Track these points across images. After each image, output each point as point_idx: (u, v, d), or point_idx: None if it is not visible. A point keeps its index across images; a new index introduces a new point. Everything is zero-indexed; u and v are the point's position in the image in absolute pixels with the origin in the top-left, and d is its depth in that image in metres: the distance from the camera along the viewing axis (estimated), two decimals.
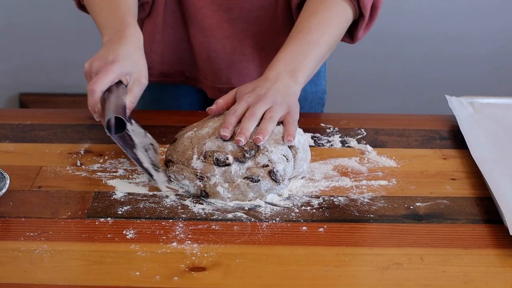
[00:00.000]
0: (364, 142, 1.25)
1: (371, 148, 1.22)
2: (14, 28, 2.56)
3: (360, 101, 2.58)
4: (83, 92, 2.67)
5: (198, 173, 1.06)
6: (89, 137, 1.23)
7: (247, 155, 1.06)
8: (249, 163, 1.06)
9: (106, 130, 1.05)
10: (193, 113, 1.36)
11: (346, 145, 1.24)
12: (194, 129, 1.12)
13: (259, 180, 1.05)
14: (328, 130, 1.29)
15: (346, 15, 1.26)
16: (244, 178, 1.05)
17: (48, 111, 1.38)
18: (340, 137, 1.26)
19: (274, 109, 1.11)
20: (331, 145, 1.24)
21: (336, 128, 1.29)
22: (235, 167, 1.05)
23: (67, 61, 2.59)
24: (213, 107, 1.14)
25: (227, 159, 1.05)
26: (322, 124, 1.31)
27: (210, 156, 1.06)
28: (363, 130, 1.29)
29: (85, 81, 1.11)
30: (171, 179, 1.10)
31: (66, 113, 1.35)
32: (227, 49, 1.38)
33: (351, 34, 1.32)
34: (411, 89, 2.64)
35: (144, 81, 1.14)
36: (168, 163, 1.11)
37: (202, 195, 1.06)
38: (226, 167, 1.05)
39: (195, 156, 1.07)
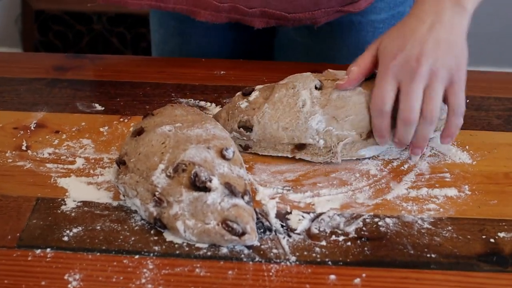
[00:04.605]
0: None
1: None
2: None
3: None
4: None
5: (156, 193, 0.71)
6: (46, 101, 0.90)
7: (246, 196, 0.71)
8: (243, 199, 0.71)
9: None
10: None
11: None
12: (178, 124, 0.76)
13: (244, 234, 0.70)
14: None
15: None
16: (222, 223, 0.69)
17: (5, 56, 1.05)
18: None
19: (432, 89, 0.77)
20: None
21: None
22: (214, 196, 0.70)
23: None
24: (342, 81, 0.80)
25: (210, 181, 0.70)
26: None
27: (184, 170, 0.71)
28: None
29: None
30: (119, 191, 0.75)
31: (28, 59, 1.02)
32: None
33: None
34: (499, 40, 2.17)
35: None
36: (120, 165, 0.75)
37: (156, 225, 0.72)
38: (201, 193, 0.70)
39: (161, 166, 0.72)
